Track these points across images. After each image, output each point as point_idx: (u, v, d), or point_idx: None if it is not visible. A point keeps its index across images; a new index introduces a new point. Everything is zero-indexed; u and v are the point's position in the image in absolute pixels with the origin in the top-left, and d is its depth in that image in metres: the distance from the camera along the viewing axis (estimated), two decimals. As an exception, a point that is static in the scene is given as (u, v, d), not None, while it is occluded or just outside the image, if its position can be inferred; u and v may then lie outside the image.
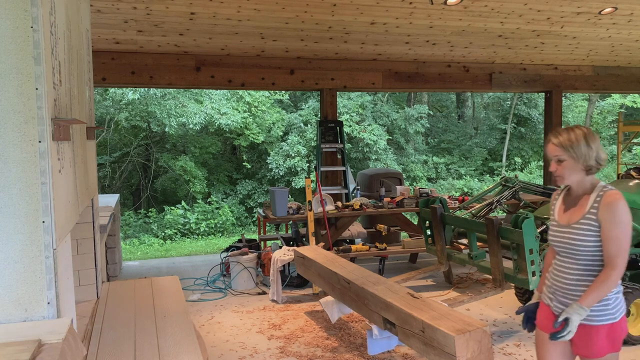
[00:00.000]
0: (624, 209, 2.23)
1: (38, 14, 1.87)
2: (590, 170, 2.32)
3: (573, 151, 2.29)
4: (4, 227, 1.89)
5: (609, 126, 20.78)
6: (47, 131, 1.92)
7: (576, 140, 2.29)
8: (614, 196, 2.26)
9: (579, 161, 2.30)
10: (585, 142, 2.29)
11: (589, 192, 2.34)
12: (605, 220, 2.23)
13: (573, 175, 2.33)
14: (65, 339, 1.81)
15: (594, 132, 2.34)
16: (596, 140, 2.31)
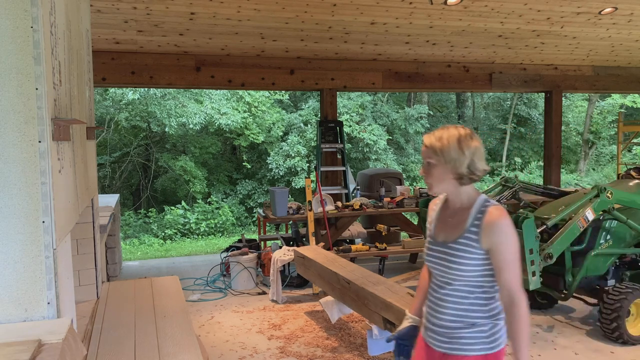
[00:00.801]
0: (511, 229, 1.87)
1: (38, 14, 1.87)
2: (462, 180, 1.93)
3: (442, 155, 1.92)
4: (4, 227, 1.89)
5: (609, 126, 20.78)
6: (47, 131, 1.92)
7: (447, 143, 1.92)
8: (498, 214, 1.88)
9: (448, 167, 1.93)
10: (458, 146, 1.91)
11: (468, 207, 1.96)
12: (496, 244, 1.86)
13: (442, 183, 1.96)
14: (65, 339, 1.81)
15: (474, 135, 1.95)
16: (473, 145, 1.91)
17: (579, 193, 4.97)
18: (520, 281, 1.88)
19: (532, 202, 6.18)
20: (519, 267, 1.89)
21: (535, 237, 3.98)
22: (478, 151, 1.93)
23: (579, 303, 5.16)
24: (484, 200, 1.95)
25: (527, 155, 20.42)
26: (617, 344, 4.30)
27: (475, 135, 1.97)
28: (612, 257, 4.65)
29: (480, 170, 1.93)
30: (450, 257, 1.94)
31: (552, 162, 8.98)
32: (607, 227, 4.56)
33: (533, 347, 4.33)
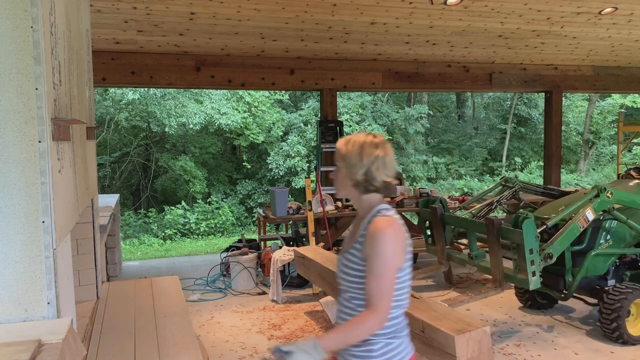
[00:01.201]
0: (389, 240, 1.76)
1: (38, 14, 1.87)
2: (359, 188, 1.86)
3: (344, 160, 1.87)
4: (4, 227, 1.89)
5: (609, 126, 20.78)
6: (47, 131, 1.92)
7: (351, 148, 1.86)
8: (380, 224, 1.78)
9: (348, 173, 1.87)
10: (358, 152, 1.84)
11: (364, 216, 1.89)
12: (369, 254, 1.78)
13: (344, 189, 1.91)
14: (65, 339, 1.81)
15: (382, 144, 1.86)
16: (374, 153, 1.83)
17: (579, 193, 4.97)
18: (386, 298, 1.76)
19: (532, 202, 6.18)
20: (387, 283, 1.77)
21: (535, 237, 3.98)
22: (379, 160, 1.84)
23: (579, 303, 5.16)
24: (377, 210, 1.85)
25: (527, 155, 20.42)
26: (617, 344, 4.30)
27: (384, 144, 1.87)
28: (612, 257, 4.65)
29: (378, 181, 1.84)
30: (342, 267, 1.90)
31: (552, 162, 8.98)
32: (607, 227, 4.56)
33: (533, 347, 4.33)
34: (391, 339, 1.85)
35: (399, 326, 1.89)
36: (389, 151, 1.88)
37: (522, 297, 5.25)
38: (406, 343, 1.90)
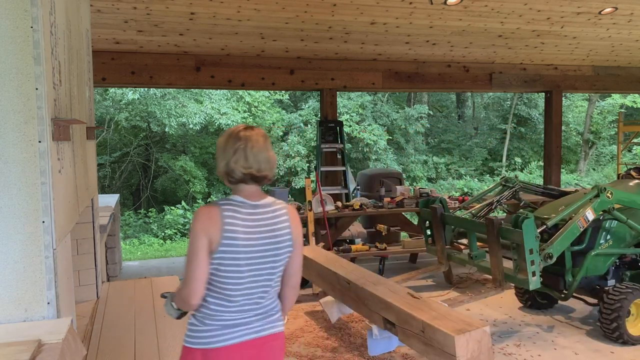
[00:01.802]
0: (194, 222, 1.84)
1: (38, 14, 1.87)
2: (225, 179, 1.95)
3: (217, 152, 1.97)
4: (4, 227, 1.89)
5: (609, 126, 20.78)
6: (47, 131, 1.92)
7: (220, 140, 1.96)
8: (198, 209, 1.91)
9: (217, 165, 1.96)
10: (223, 144, 1.91)
11: None
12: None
13: (222, 180, 2.00)
14: (65, 339, 1.81)
15: (245, 136, 1.90)
16: (235, 145, 1.88)
17: (579, 193, 4.97)
18: (189, 272, 1.83)
19: (532, 202, 6.17)
20: (190, 263, 1.83)
21: (535, 237, 3.98)
22: (238, 153, 1.87)
23: (579, 303, 5.16)
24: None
25: (527, 155, 20.42)
26: (617, 344, 4.30)
27: (248, 136, 1.89)
28: (612, 257, 4.64)
29: (237, 173, 1.88)
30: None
31: (552, 162, 8.98)
32: (607, 227, 4.56)
33: (533, 347, 4.33)
34: (199, 323, 1.90)
35: (210, 313, 1.89)
36: (254, 143, 1.89)
37: (522, 297, 5.25)
38: (217, 333, 1.88)
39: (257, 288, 1.92)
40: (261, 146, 1.91)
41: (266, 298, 1.96)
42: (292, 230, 1.99)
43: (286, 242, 1.96)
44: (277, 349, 2.01)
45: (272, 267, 1.94)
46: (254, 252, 1.89)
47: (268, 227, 1.93)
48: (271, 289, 1.98)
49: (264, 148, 1.92)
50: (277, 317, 2.02)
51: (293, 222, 2.01)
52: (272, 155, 1.95)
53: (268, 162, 1.92)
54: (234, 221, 1.87)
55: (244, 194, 1.95)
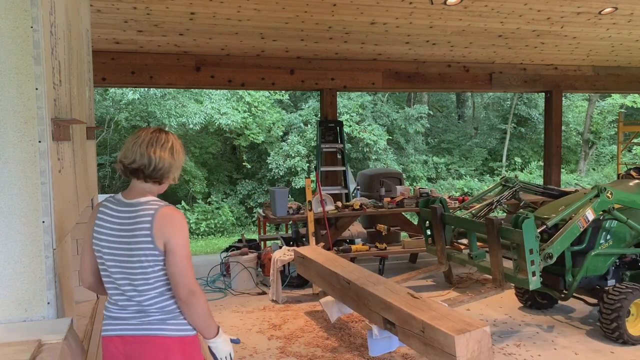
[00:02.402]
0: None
1: (38, 14, 1.87)
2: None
3: None
4: (4, 227, 1.89)
5: (609, 126, 20.78)
6: (47, 131, 1.92)
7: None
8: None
9: None
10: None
11: None
12: None
13: None
14: (65, 339, 1.81)
15: (137, 134, 2.05)
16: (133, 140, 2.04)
17: (579, 193, 4.97)
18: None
19: (532, 202, 6.17)
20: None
21: (535, 237, 3.98)
22: (125, 144, 2.06)
23: (579, 303, 5.16)
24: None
25: (527, 155, 20.42)
26: (617, 344, 4.30)
27: (139, 134, 2.04)
28: (612, 257, 4.64)
29: (120, 164, 2.06)
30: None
31: (552, 162, 8.98)
32: (607, 227, 4.56)
33: (533, 347, 4.33)
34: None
35: (106, 304, 2.09)
36: (137, 138, 2.02)
37: (522, 297, 5.25)
38: (104, 322, 2.06)
39: (125, 286, 1.99)
40: (144, 142, 2.01)
41: (139, 296, 1.98)
42: (154, 233, 1.92)
43: (142, 243, 1.94)
44: (156, 354, 1.97)
45: (130, 267, 1.96)
46: (115, 248, 1.99)
47: (127, 225, 1.98)
48: (143, 288, 1.97)
49: (147, 143, 2.00)
50: (157, 319, 1.98)
51: (158, 224, 1.93)
52: (156, 153, 2.00)
53: (143, 157, 1.99)
54: (103, 217, 2.04)
55: (125, 191, 2.07)
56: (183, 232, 1.97)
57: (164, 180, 2.05)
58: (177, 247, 1.94)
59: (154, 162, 1.99)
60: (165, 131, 2.08)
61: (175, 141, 2.07)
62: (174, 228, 1.95)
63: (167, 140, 2.04)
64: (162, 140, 2.02)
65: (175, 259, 1.94)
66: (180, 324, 2.01)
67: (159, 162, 2.00)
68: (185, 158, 2.15)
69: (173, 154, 2.05)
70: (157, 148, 2.00)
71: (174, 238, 1.94)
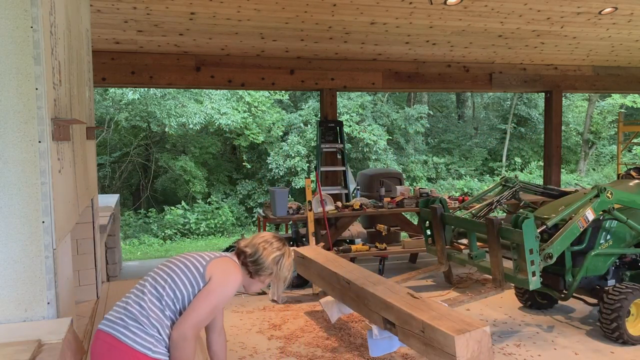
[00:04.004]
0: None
1: (38, 14, 1.87)
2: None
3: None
4: (4, 227, 1.89)
5: (609, 126, 20.78)
6: (47, 131, 1.92)
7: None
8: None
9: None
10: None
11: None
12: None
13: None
14: (65, 339, 1.81)
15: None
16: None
17: (579, 193, 4.97)
18: None
19: (532, 202, 6.17)
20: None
21: (535, 237, 3.98)
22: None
23: (579, 303, 5.16)
24: None
25: (527, 155, 20.42)
26: (617, 344, 4.30)
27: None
28: (612, 257, 4.64)
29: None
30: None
31: (552, 162, 8.98)
32: (607, 227, 4.56)
33: (533, 347, 4.33)
34: None
35: None
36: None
37: (522, 297, 5.25)
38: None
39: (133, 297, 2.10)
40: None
41: (136, 309, 2.03)
42: (208, 267, 2.19)
43: (195, 267, 2.17)
44: (112, 354, 1.97)
45: (174, 280, 2.10)
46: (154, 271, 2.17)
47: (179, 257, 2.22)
48: (143, 309, 2.02)
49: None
50: (136, 334, 1.98)
51: (214, 263, 2.21)
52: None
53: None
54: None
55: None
56: (227, 284, 2.18)
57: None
58: (214, 286, 2.12)
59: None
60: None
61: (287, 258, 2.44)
62: (224, 273, 2.18)
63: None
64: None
65: (202, 295, 2.09)
66: (154, 348, 2.01)
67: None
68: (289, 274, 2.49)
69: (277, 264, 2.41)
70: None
71: (218, 278, 2.15)
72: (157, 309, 2.01)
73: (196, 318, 2.03)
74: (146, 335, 1.98)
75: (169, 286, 2.05)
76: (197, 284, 2.09)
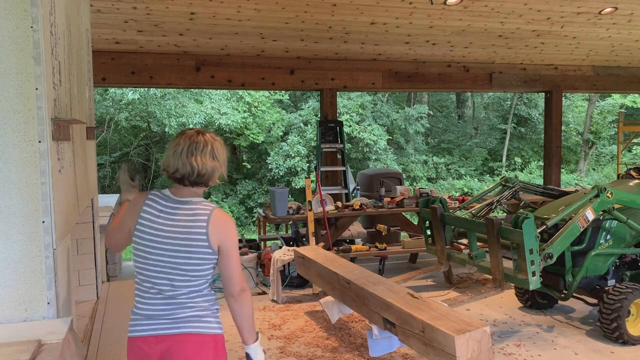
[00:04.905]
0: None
1: (38, 14, 1.87)
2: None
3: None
4: (4, 227, 1.89)
5: (609, 126, 20.78)
6: (47, 131, 1.92)
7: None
8: None
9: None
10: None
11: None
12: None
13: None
14: (65, 339, 1.81)
15: (176, 141, 2.04)
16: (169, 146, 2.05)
17: (579, 193, 4.97)
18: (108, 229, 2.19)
19: (532, 202, 6.18)
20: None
21: (535, 237, 3.98)
22: (166, 151, 2.07)
23: (579, 303, 5.16)
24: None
25: (527, 155, 20.42)
26: (617, 344, 4.30)
27: (177, 141, 2.03)
28: (612, 257, 4.64)
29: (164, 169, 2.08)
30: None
31: (552, 162, 8.98)
32: (607, 227, 4.56)
33: (533, 347, 4.33)
34: (131, 312, 2.08)
35: (134, 303, 2.06)
36: (177, 146, 2.02)
37: (522, 297, 5.25)
38: (132, 323, 2.03)
39: (162, 279, 1.99)
40: (183, 150, 2.00)
41: (174, 291, 1.99)
42: (210, 234, 1.98)
43: (197, 241, 1.97)
44: (192, 351, 1.99)
45: (175, 262, 1.97)
46: (161, 242, 1.98)
47: (181, 222, 1.99)
48: (181, 285, 1.99)
49: (187, 152, 1.99)
50: (192, 316, 2.01)
51: (213, 226, 1.99)
52: (197, 161, 1.99)
53: (185, 166, 1.99)
54: (150, 210, 2.02)
55: (174, 190, 2.07)
56: (235, 236, 2.06)
57: (210, 183, 2.07)
58: (232, 249, 2.03)
59: (197, 170, 1.99)
60: (202, 133, 2.06)
61: (214, 142, 2.07)
62: (227, 231, 2.02)
63: (206, 144, 2.03)
64: (200, 146, 2.01)
65: (230, 260, 2.02)
66: (213, 321, 2.10)
67: (202, 169, 2.01)
68: (227, 154, 2.18)
69: (215, 157, 2.06)
70: (198, 155, 2.00)
71: (229, 241, 2.02)
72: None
73: (239, 270, 2.06)
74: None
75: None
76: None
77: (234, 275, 2.04)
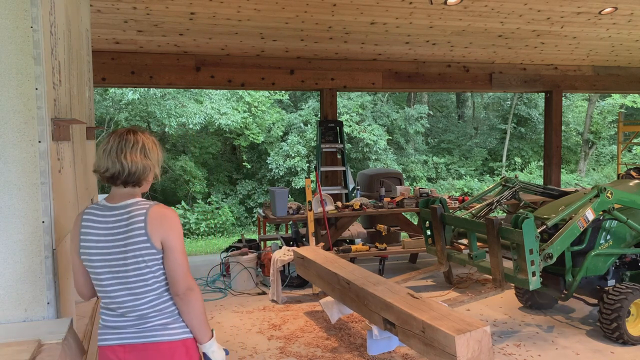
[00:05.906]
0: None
1: (38, 14, 1.87)
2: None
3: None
4: (4, 227, 1.89)
5: (609, 126, 20.78)
6: (46, 131, 1.92)
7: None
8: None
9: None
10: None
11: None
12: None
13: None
14: (65, 339, 1.81)
15: (106, 140, 1.96)
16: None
17: (579, 193, 4.96)
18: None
19: (532, 202, 6.17)
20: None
21: (535, 237, 3.98)
22: (97, 152, 1.99)
23: (579, 303, 5.16)
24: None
25: (527, 155, 20.42)
26: (617, 344, 4.30)
27: (107, 140, 1.96)
28: (612, 257, 4.64)
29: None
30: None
31: (552, 162, 8.98)
32: (607, 227, 4.56)
33: (533, 347, 4.33)
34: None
35: (100, 314, 2.01)
36: (107, 144, 1.94)
37: (522, 297, 5.25)
38: (100, 332, 1.98)
39: (120, 291, 1.91)
40: (113, 148, 1.92)
41: (136, 300, 1.91)
42: (150, 231, 1.87)
43: (138, 244, 1.87)
44: (163, 359, 1.94)
45: (125, 271, 1.89)
46: (108, 254, 1.89)
47: (119, 229, 1.90)
48: (140, 291, 1.91)
49: (117, 150, 1.91)
50: (159, 324, 1.94)
51: (152, 223, 1.88)
52: (127, 158, 1.91)
53: (115, 164, 1.91)
54: (90, 224, 1.94)
55: (109, 197, 2.00)
56: (178, 229, 1.93)
57: (142, 182, 1.97)
58: (174, 244, 1.90)
59: (127, 168, 1.90)
60: (133, 131, 1.98)
61: (146, 140, 1.97)
62: (168, 225, 1.90)
63: (137, 142, 1.94)
64: (130, 143, 1.92)
65: (174, 256, 1.90)
66: (182, 326, 1.98)
67: (132, 167, 1.91)
68: (162, 153, 2.06)
69: (146, 154, 1.95)
70: (127, 152, 1.91)
71: (171, 235, 1.90)
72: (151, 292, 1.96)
73: (184, 267, 1.93)
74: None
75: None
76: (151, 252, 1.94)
77: (178, 272, 1.90)
